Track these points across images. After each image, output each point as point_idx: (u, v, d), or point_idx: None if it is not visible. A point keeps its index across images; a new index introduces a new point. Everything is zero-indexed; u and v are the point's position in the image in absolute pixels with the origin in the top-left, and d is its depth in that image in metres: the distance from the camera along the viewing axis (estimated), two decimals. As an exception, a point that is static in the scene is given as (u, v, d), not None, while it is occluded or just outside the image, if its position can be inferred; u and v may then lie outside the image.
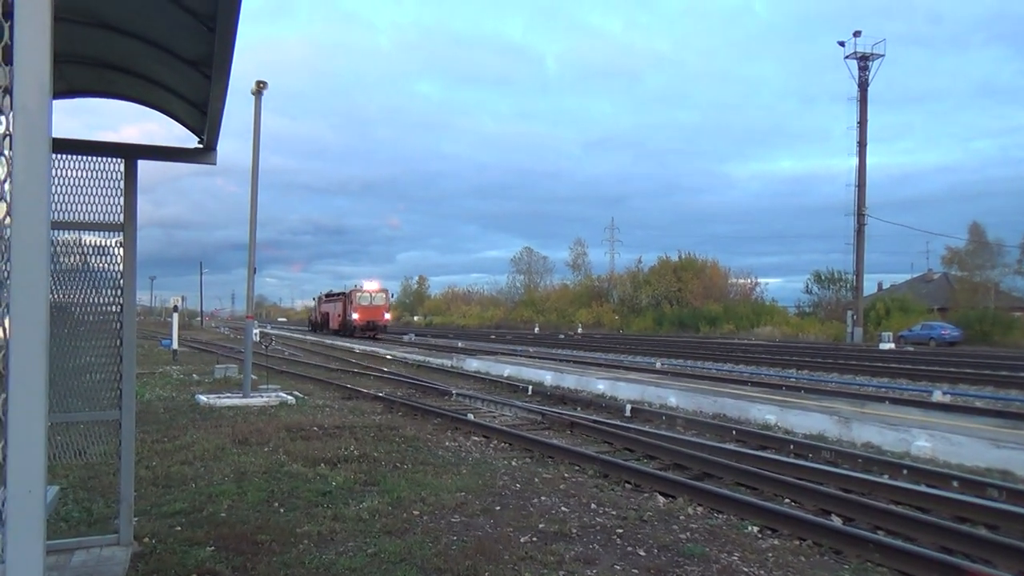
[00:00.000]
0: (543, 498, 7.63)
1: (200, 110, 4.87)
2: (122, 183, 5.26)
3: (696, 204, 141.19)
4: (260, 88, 15.59)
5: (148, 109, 5.47)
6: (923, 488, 8.18)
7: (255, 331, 23.56)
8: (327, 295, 66.71)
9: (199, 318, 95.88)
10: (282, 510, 6.96)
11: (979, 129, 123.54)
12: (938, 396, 16.94)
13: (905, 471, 9.10)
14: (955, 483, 8.45)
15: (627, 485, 8.49)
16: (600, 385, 18.14)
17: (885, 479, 8.65)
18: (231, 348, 35.62)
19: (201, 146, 5.49)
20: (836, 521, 7.01)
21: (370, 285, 55.64)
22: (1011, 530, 6.79)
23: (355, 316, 53.51)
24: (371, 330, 52.98)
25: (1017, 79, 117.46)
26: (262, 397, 15.13)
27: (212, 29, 3.57)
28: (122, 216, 5.25)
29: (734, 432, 11.99)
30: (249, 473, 8.39)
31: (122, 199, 5.25)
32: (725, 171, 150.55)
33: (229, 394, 15.55)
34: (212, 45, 3.70)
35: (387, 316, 56.34)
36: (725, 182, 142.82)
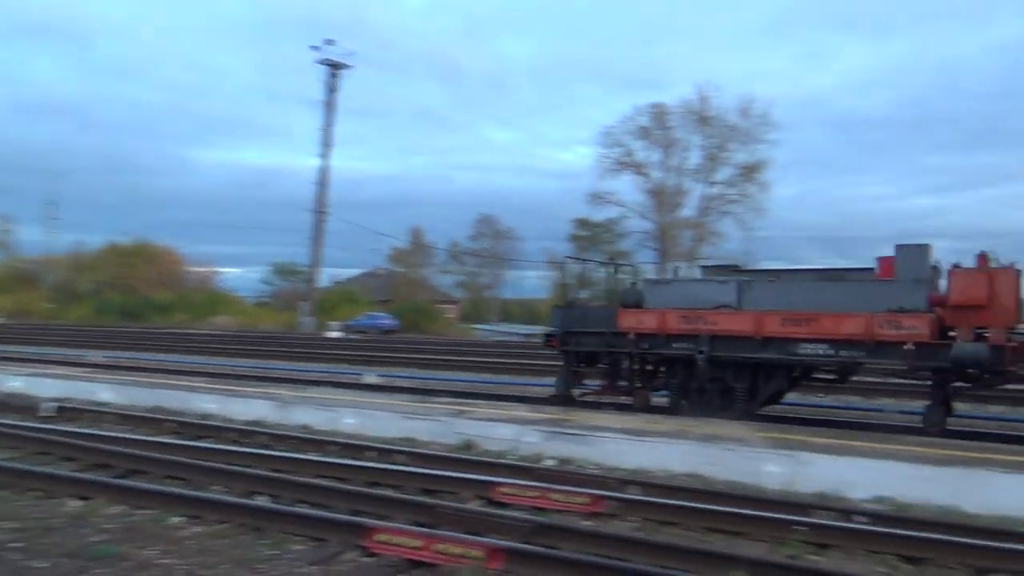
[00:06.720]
0: (-87, 521, 6.26)
1: None
2: None
3: (153, 187, 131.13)
4: None
5: None
6: (345, 461, 9.00)
7: None
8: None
9: None
10: None
11: (417, 147, 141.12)
12: (370, 378, 18.87)
13: (333, 447, 9.89)
14: (372, 453, 9.49)
15: (36, 493, 7.49)
16: (16, 382, 15.71)
17: (312, 456, 9.27)
18: None
19: None
20: (261, 501, 7.25)
21: None
22: (411, 487, 7.92)
23: None
24: None
25: (449, 110, 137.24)
26: None
27: None
28: None
29: (172, 424, 11.55)
30: None
31: None
32: (186, 156, 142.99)
33: None
34: None
35: None
36: (186, 167, 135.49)
